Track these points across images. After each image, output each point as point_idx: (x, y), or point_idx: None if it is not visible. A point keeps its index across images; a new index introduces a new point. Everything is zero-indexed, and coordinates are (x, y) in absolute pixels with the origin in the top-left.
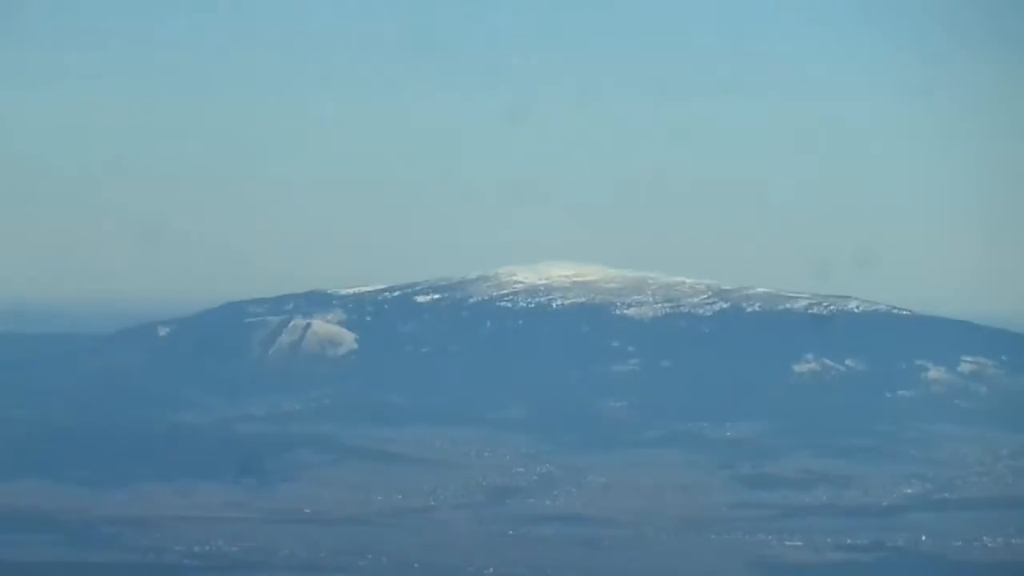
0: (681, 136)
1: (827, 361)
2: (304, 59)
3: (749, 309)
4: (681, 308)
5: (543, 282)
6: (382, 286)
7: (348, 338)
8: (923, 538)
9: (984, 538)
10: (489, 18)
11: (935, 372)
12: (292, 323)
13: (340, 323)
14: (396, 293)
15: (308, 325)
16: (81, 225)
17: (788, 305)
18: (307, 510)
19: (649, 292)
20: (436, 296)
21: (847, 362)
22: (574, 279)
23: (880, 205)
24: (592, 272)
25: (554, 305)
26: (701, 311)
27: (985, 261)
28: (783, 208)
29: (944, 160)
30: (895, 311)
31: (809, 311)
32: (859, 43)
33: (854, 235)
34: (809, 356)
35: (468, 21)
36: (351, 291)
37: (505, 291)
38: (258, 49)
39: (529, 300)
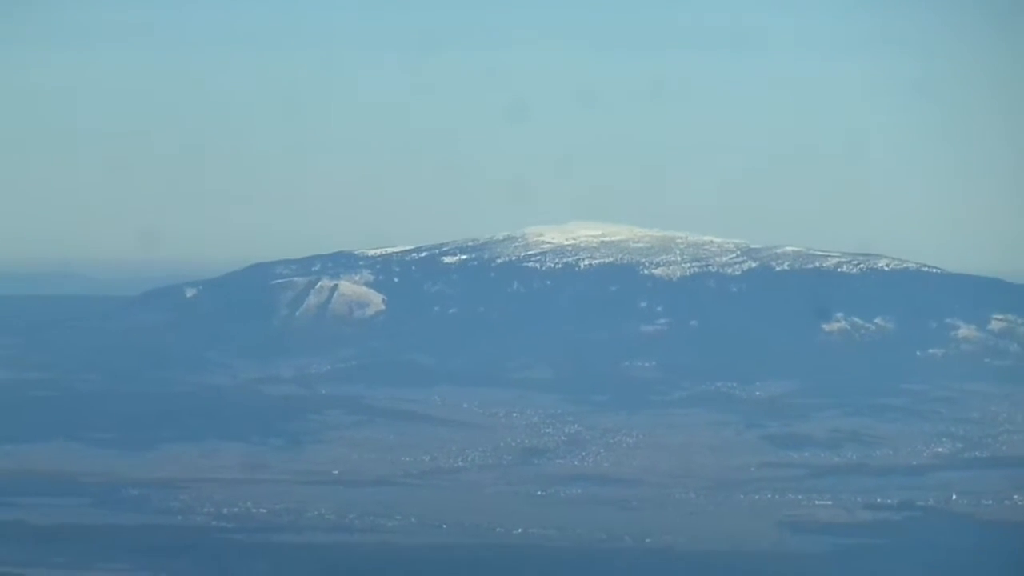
0: (708, 94)
1: (856, 320)
2: (332, 23)
3: (778, 268)
4: (709, 267)
5: (570, 242)
6: (409, 247)
7: (375, 299)
8: (953, 497)
9: (1015, 496)
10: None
11: (965, 330)
12: (319, 284)
13: (367, 284)
14: (423, 254)
15: (335, 286)
16: (107, 187)
17: (817, 264)
18: (335, 471)
19: (677, 251)
20: (463, 257)
21: (876, 321)
22: (602, 239)
23: (908, 161)
24: (620, 232)
25: (581, 265)
26: (730, 270)
27: (1015, 217)
28: (810, 166)
29: (974, 116)
30: (924, 269)
31: (838, 270)
32: None
33: (883, 193)
34: (839, 315)
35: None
36: (378, 252)
37: (532, 251)
38: (288, 13)
39: (556, 260)
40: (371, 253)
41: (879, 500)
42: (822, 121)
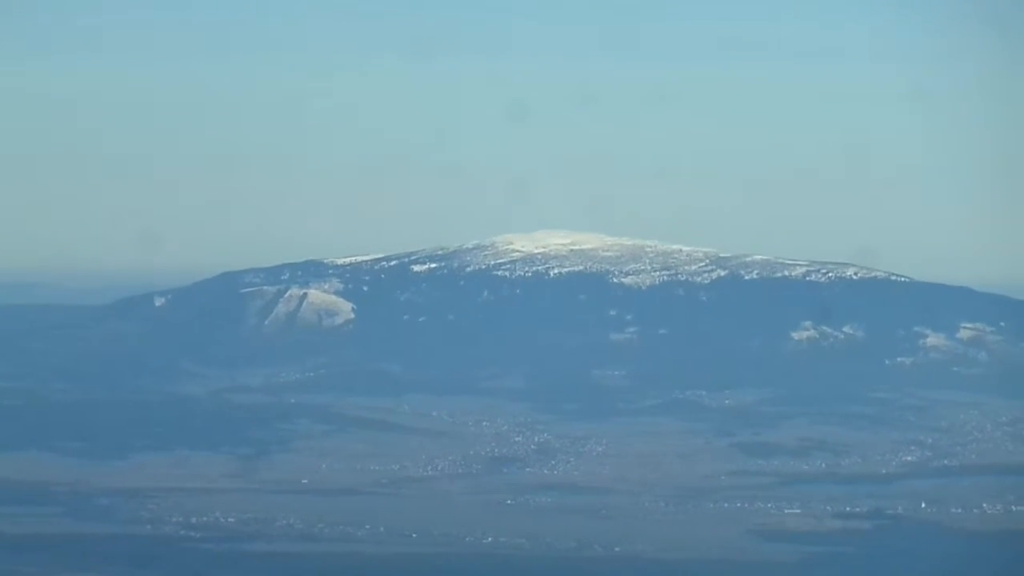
0: (678, 102)
1: (825, 328)
2: (303, 32)
3: (747, 277)
4: (679, 276)
5: (540, 251)
6: (379, 255)
7: (345, 308)
8: (922, 505)
9: (983, 505)
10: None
11: (934, 339)
12: (289, 293)
13: (337, 292)
14: (393, 262)
15: (305, 295)
16: (77, 196)
17: (786, 272)
18: (304, 480)
19: (647, 260)
20: (433, 265)
21: (845, 329)
22: (571, 247)
23: (878, 171)
24: (589, 240)
25: (551, 274)
26: (699, 279)
27: (984, 227)
28: (782, 175)
29: (948, 126)
30: (893, 278)
31: (807, 278)
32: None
33: (852, 202)
34: (807, 323)
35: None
36: (348, 260)
37: (502, 260)
38: (257, 24)
39: (526, 269)
40: (340, 262)
41: (848, 508)
42: (793, 130)
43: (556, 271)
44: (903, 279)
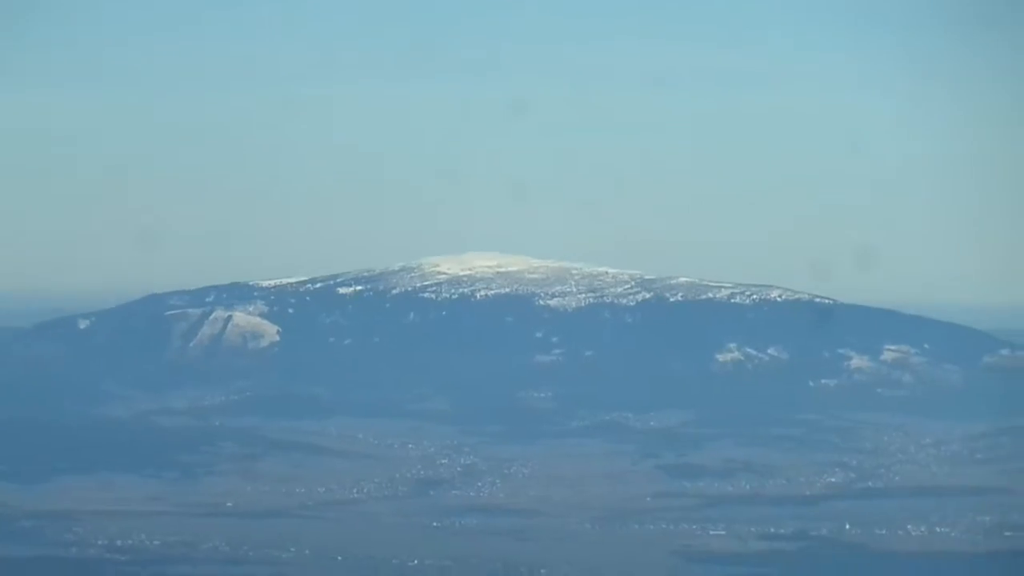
0: (606, 125)
1: (750, 350)
2: (240, 58)
3: (672, 299)
4: (604, 298)
5: (466, 273)
6: (304, 277)
7: (270, 330)
8: (847, 527)
9: (908, 526)
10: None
11: (858, 361)
12: (213, 315)
13: (262, 315)
14: (318, 285)
15: (229, 317)
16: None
17: (711, 294)
18: (229, 503)
19: (572, 282)
20: (359, 287)
21: (770, 351)
22: (497, 270)
23: (802, 195)
24: (515, 263)
25: (477, 296)
26: (624, 301)
27: (910, 249)
28: (709, 197)
29: (880, 150)
30: (817, 300)
31: (731, 300)
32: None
33: (777, 224)
34: (732, 345)
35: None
36: (273, 283)
37: (428, 282)
38: (197, 42)
39: (452, 291)
40: (265, 284)
41: (773, 530)
42: (719, 153)
43: (482, 293)
44: (827, 301)
